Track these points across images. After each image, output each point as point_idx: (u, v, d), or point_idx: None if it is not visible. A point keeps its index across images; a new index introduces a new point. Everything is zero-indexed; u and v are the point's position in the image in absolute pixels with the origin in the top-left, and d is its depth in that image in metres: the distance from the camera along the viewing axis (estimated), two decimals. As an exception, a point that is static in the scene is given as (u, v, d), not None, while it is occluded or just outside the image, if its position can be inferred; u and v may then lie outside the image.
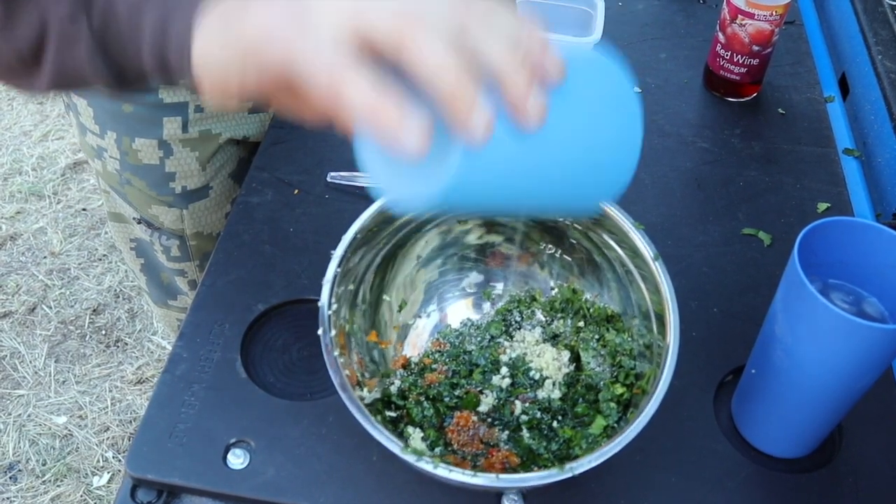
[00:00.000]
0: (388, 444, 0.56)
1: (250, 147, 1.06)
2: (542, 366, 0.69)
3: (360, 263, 0.69)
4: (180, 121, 0.96)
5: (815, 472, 0.68)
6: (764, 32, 0.98)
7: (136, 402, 1.80)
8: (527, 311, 0.73)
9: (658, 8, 1.19)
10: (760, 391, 0.67)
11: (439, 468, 0.55)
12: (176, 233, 1.06)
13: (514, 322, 0.73)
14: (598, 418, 0.65)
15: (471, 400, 0.67)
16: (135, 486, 0.65)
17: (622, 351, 0.68)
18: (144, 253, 1.13)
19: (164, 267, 1.12)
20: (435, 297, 0.76)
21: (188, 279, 1.12)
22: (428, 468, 0.55)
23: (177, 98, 0.94)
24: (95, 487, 1.67)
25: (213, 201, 1.04)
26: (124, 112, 0.95)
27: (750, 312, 0.78)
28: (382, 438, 0.57)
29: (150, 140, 0.97)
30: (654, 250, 0.67)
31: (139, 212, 1.05)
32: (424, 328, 0.74)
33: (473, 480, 0.55)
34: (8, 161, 2.29)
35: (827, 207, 0.90)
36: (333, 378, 0.59)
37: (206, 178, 1.02)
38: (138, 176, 1.00)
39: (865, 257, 0.62)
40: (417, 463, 0.56)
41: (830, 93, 1.07)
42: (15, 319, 1.94)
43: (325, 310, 0.62)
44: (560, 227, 0.74)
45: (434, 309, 0.75)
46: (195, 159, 0.99)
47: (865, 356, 0.58)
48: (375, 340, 0.70)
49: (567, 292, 0.73)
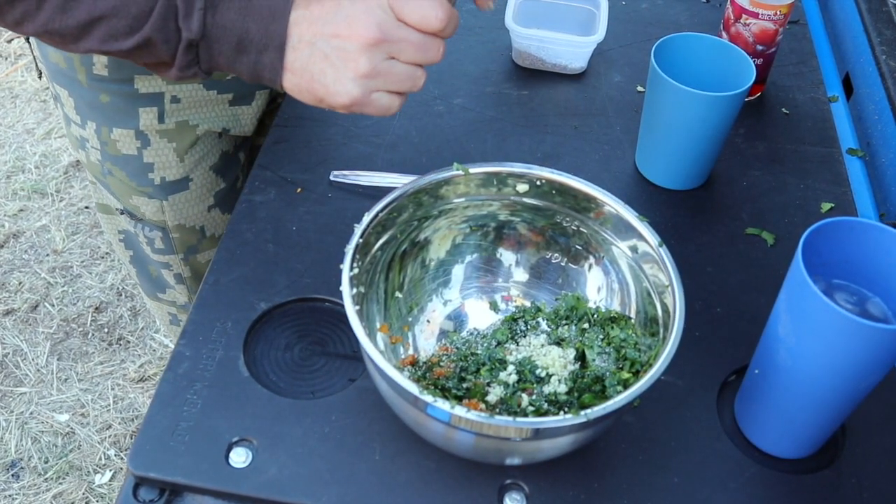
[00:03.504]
0: (407, 386, 0.57)
1: (236, 141, 1.06)
2: (548, 363, 0.69)
3: (376, 254, 0.70)
4: (156, 111, 0.96)
5: (819, 472, 0.68)
6: (768, 32, 0.97)
7: (138, 400, 1.80)
8: (532, 322, 0.74)
9: (662, 7, 1.19)
10: (764, 391, 0.67)
11: (456, 408, 0.56)
12: (158, 224, 1.06)
13: (520, 331, 0.73)
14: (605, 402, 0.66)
15: (478, 391, 0.67)
16: (137, 484, 0.65)
17: (627, 345, 0.69)
18: (132, 245, 1.14)
19: (151, 260, 1.12)
20: (443, 303, 0.76)
21: (174, 272, 1.12)
22: (445, 408, 0.56)
23: (152, 88, 0.94)
24: (97, 485, 1.67)
25: (194, 193, 1.04)
26: (102, 102, 0.95)
27: (753, 312, 0.78)
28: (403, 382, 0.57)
29: (127, 130, 0.97)
30: (658, 238, 0.68)
31: (122, 202, 1.05)
32: (432, 333, 0.75)
33: (490, 422, 0.56)
34: (11, 159, 2.29)
35: (831, 207, 0.90)
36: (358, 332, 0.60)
37: (185, 170, 1.02)
38: (118, 166, 1.01)
39: (869, 257, 0.62)
40: (434, 404, 0.57)
41: (834, 92, 1.07)
42: (17, 317, 1.94)
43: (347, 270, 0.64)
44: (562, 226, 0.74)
45: (443, 311, 0.76)
46: (173, 150, 1.00)
47: (869, 356, 0.58)
48: (387, 333, 0.71)
49: (572, 300, 0.73)
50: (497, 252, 0.77)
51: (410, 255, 0.74)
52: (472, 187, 0.73)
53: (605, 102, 1.02)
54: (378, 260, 0.70)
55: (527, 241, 0.77)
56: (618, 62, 1.09)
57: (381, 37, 0.63)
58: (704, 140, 0.87)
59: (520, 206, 0.74)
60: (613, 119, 1.00)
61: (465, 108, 1.00)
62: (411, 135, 0.96)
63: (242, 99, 1.00)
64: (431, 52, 0.66)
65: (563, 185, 0.72)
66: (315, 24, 0.64)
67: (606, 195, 0.71)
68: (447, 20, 0.64)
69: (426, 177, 0.71)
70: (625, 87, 1.05)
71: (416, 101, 1.00)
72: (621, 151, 0.96)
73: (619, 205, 0.70)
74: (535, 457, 0.64)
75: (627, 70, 1.07)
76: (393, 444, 0.68)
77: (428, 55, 0.66)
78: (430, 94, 1.01)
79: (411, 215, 0.72)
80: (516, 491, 0.66)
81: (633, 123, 0.97)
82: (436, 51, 0.66)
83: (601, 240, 0.73)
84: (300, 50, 0.65)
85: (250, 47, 0.65)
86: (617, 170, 0.93)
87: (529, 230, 0.76)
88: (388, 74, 0.65)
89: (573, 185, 0.72)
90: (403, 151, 0.94)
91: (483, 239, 0.77)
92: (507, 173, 0.72)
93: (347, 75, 0.64)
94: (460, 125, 0.98)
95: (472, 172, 0.71)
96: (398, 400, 0.61)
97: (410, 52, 0.65)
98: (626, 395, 0.58)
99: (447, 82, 1.03)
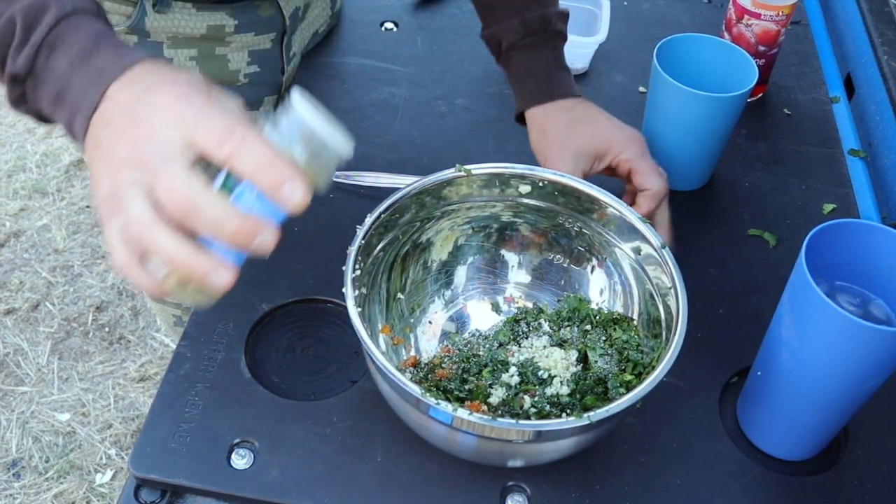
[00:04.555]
0: (409, 389, 0.57)
1: None
2: (551, 365, 0.69)
3: (378, 255, 0.70)
4: None
5: (821, 474, 0.68)
6: (770, 33, 0.97)
7: (138, 400, 1.80)
8: (534, 323, 0.74)
9: (664, 8, 1.19)
10: (766, 393, 0.67)
11: (459, 411, 0.56)
12: None
13: (522, 332, 0.73)
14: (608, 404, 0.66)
15: (481, 392, 0.67)
16: (138, 486, 0.65)
17: (629, 346, 0.69)
18: None
19: None
20: (445, 304, 0.76)
21: None
22: (448, 411, 0.56)
23: None
24: (98, 485, 1.67)
25: None
26: None
27: (755, 314, 0.78)
28: (405, 385, 0.57)
29: None
30: (661, 240, 0.68)
31: None
32: (434, 334, 0.75)
33: (493, 424, 0.56)
34: (12, 158, 2.29)
35: (833, 208, 0.90)
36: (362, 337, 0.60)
37: None
38: None
39: (872, 259, 0.62)
40: (437, 407, 0.56)
41: (836, 93, 1.07)
42: (18, 316, 1.94)
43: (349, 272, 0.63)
44: (565, 227, 0.74)
45: (445, 312, 0.76)
46: None
47: (872, 358, 0.58)
48: (389, 335, 0.71)
49: (574, 301, 0.73)
50: (499, 253, 0.77)
51: (412, 256, 0.74)
52: (475, 188, 0.73)
53: (607, 103, 1.02)
54: (380, 261, 0.70)
55: (529, 243, 0.77)
56: (619, 63, 1.08)
57: (142, 158, 0.50)
58: (706, 141, 0.87)
59: (522, 207, 0.74)
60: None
61: (466, 109, 1.00)
62: (413, 135, 0.96)
63: (250, 105, 1.00)
64: (207, 218, 0.48)
65: (566, 187, 0.72)
66: (120, 106, 0.53)
67: (609, 196, 0.71)
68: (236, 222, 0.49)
69: (428, 178, 0.71)
70: (627, 88, 1.05)
71: (417, 102, 1.00)
72: (623, 152, 0.95)
73: (622, 206, 0.70)
74: (537, 459, 0.64)
75: (629, 71, 1.07)
76: (395, 446, 0.68)
77: (198, 219, 0.48)
78: (431, 95, 1.01)
79: (413, 216, 0.72)
80: (518, 493, 0.66)
81: (634, 124, 0.96)
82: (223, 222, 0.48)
83: (604, 241, 0.73)
84: (95, 127, 0.54)
85: (65, 103, 0.56)
86: (619, 170, 0.93)
87: (532, 231, 0.76)
88: (126, 211, 0.50)
89: (576, 186, 0.71)
90: (405, 152, 0.93)
91: (485, 240, 0.77)
92: (510, 174, 0.72)
93: (103, 177, 0.53)
94: (462, 126, 0.98)
95: (475, 173, 0.71)
96: (400, 402, 0.61)
97: (172, 201, 0.48)
98: (628, 397, 0.58)
99: (449, 83, 1.03)
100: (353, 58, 1.06)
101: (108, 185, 0.51)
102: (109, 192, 0.51)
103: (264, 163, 0.49)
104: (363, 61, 1.06)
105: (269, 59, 0.97)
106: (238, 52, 0.94)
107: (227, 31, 0.91)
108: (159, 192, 0.49)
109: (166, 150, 0.49)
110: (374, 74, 1.04)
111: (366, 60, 1.06)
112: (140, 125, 0.51)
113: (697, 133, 0.86)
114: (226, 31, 0.91)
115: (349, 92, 1.01)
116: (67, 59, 0.56)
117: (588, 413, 0.57)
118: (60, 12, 0.56)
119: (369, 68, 1.05)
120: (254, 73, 0.96)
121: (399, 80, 1.03)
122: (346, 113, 0.98)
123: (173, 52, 0.90)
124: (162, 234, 0.49)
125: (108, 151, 0.52)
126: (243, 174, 0.49)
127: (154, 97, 0.52)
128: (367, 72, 1.04)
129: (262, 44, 0.95)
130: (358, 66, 1.05)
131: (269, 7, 0.93)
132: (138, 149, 0.50)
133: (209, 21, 0.89)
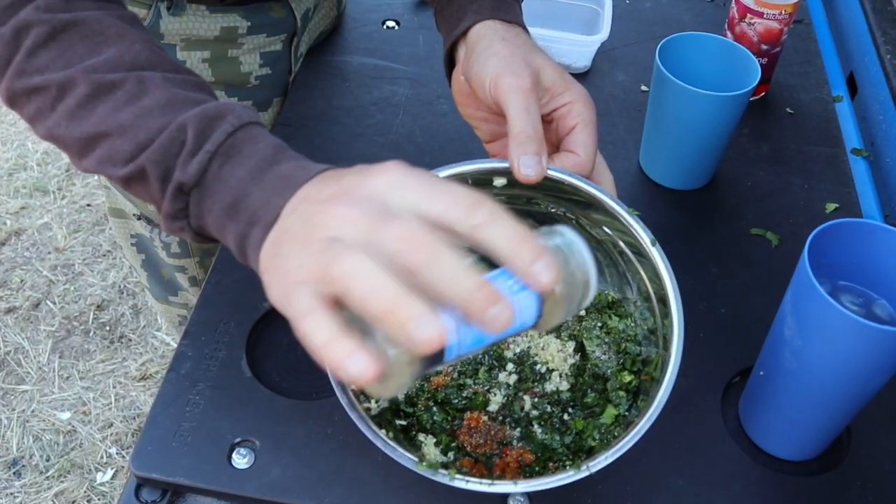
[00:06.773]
0: (403, 461, 0.56)
1: None
2: (548, 358, 0.69)
3: None
4: None
5: (823, 474, 0.68)
6: (773, 31, 0.97)
7: (139, 399, 1.80)
8: None
9: (666, 6, 1.18)
10: (768, 393, 0.66)
11: (455, 480, 0.55)
12: None
13: None
14: (608, 408, 0.65)
15: (479, 400, 0.67)
16: (139, 485, 0.65)
17: (626, 337, 0.68)
18: (145, 249, 1.13)
19: (165, 263, 1.12)
20: None
21: (189, 275, 1.12)
22: (444, 481, 0.55)
23: None
24: (99, 483, 1.67)
25: None
26: None
27: (758, 313, 0.77)
28: (396, 455, 0.56)
29: None
30: (651, 235, 0.65)
31: (139, 208, 1.05)
32: None
33: (491, 489, 0.55)
34: (13, 156, 2.29)
35: (835, 208, 0.90)
36: (341, 398, 0.59)
37: None
38: None
39: (875, 259, 0.62)
40: (434, 477, 0.56)
41: (839, 92, 1.07)
42: (19, 315, 1.94)
43: None
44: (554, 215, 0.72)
45: None
46: None
47: (875, 359, 0.58)
48: None
49: None
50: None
51: None
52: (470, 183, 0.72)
53: (609, 102, 1.02)
54: None
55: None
56: (622, 61, 1.08)
57: (359, 215, 0.44)
58: (709, 140, 0.87)
59: (504, 196, 0.72)
60: (617, 119, 1.00)
61: (468, 108, 1.00)
62: (415, 134, 0.96)
63: (259, 107, 1.00)
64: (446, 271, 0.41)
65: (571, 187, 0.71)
66: (315, 195, 0.49)
67: (610, 199, 0.69)
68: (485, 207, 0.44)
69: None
70: (629, 87, 1.05)
71: (419, 101, 1.00)
72: (625, 151, 0.95)
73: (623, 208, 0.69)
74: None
75: (631, 69, 1.07)
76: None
77: (436, 271, 0.41)
78: (433, 94, 1.01)
79: None
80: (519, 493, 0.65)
81: (636, 123, 0.97)
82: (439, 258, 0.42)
83: (594, 231, 0.71)
84: (279, 229, 0.50)
85: (242, 213, 0.52)
86: (621, 169, 0.93)
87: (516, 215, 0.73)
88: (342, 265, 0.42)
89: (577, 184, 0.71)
90: (407, 151, 0.93)
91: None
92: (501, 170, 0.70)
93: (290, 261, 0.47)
94: (464, 124, 0.98)
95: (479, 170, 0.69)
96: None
97: (411, 246, 0.42)
98: (628, 438, 0.57)
99: (450, 81, 1.03)
100: (354, 56, 1.06)
101: (301, 256, 0.45)
102: (300, 264, 0.45)
103: (518, 236, 0.43)
104: (365, 60, 1.06)
105: (278, 61, 0.97)
106: (250, 53, 0.94)
107: (240, 33, 0.91)
108: (390, 241, 0.42)
109: (393, 207, 0.44)
110: (375, 73, 1.04)
111: (367, 59, 1.06)
112: (353, 191, 0.46)
113: (700, 132, 0.86)
114: (238, 32, 0.91)
115: (351, 90, 1.01)
116: (245, 168, 0.52)
117: (587, 463, 0.56)
118: (237, 121, 0.54)
119: (371, 67, 1.05)
120: (264, 75, 0.96)
121: (401, 79, 1.03)
122: (347, 111, 0.98)
123: (186, 55, 0.90)
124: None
125: (304, 226, 0.46)
126: (493, 244, 0.43)
127: (368, 176, 0.46)
128: (369, 70, 1.04)
129: (272, 45, 0.95)
130: (360, 65, 1.05)
131: (280, 9, 0.93)
132: (353, 209, 0.44)
133: (222, 23, 0.89)
